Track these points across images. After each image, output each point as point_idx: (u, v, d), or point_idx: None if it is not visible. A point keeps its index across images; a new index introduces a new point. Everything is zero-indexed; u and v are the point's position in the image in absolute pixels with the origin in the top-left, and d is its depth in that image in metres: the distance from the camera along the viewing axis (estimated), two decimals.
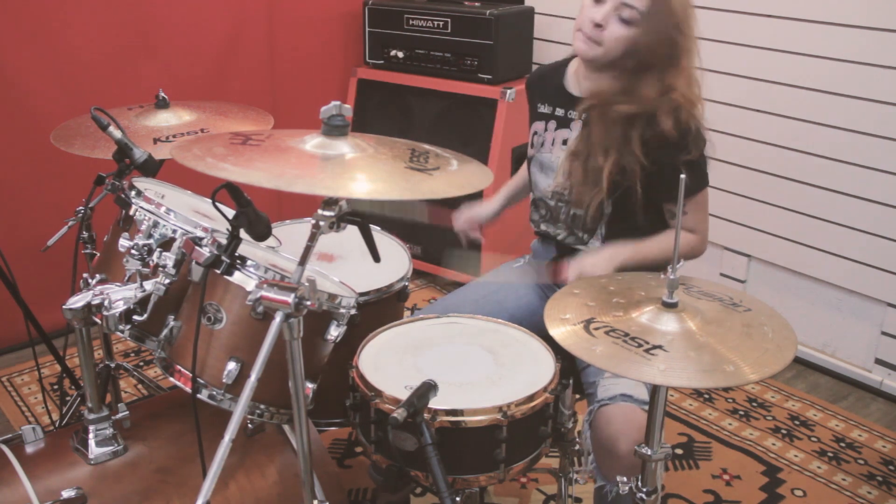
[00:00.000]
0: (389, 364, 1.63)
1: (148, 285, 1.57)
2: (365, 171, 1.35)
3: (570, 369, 1.66)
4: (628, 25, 1.76)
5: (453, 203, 1.82)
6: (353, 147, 1.37)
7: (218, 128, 2.03)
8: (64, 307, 1.55)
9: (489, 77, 3.38)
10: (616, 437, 1.62)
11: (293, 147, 1.38)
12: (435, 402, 1.46)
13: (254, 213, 1.41)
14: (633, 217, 1.87)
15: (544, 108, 1.99)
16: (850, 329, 3.00)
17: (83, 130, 1.96)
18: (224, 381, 1.50)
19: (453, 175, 1.43)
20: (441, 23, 3.43)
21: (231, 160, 1.31)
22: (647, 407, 1.45)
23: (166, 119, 2.05)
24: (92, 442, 1.60)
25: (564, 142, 1.92)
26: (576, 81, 1.95)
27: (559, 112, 1.95)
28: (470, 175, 1.45)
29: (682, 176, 1.36)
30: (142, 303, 1.57)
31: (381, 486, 1.58)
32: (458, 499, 1.45)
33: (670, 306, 1.34)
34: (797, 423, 2.76)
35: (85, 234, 1.97)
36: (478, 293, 2.06)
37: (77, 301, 1.55)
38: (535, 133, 2.00)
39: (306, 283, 1.29)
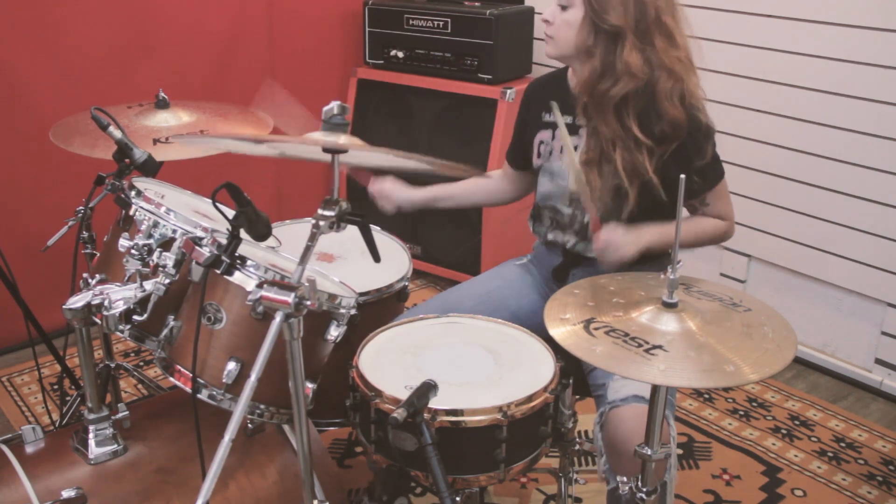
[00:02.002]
0: (389, 364, 1.63)
1: (148, 285, 1.57)
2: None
3: (571, 369, 1.66)
4: (567, 9, 1.81)
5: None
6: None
7: (217, 129, 2.02)
8: (64, 307, 1.55)
9: (489, 77, 3.37)
10: (628, 439, 1.62)
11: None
12: (435, 402, 1.46)
13: (254, 213, 1.41)
14: (650, 218, 1.87)
15: (549, 117, 1.97)
16: (850, 329, 3.00)
17: (82, 128, 1.95)
18: (224, 381, 1.51)
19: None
20: (441, 23, 3.43)
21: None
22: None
23: (165, 119, 2.05)
24: (92, 442, 1.60)
25: (575, 148, 1.92)
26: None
27: (567, 119, 1.94)
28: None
29: (682, 176, 1.36)
30: (142, 303, 1.57)
31: (380, 483, 1.58)
32: (458, 499, 1.45)
33: (670, 306, 1.34)
34: (797, 423, 2.76)
35: (85, 234, 1.97)
36: (478, 291, 2.06)
37: (77, 301, 1.55)
38: (542, 142, 1.98)
39: (306, 283, 1.29)
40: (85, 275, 1.74)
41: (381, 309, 1.95)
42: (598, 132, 1.82)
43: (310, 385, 1.59)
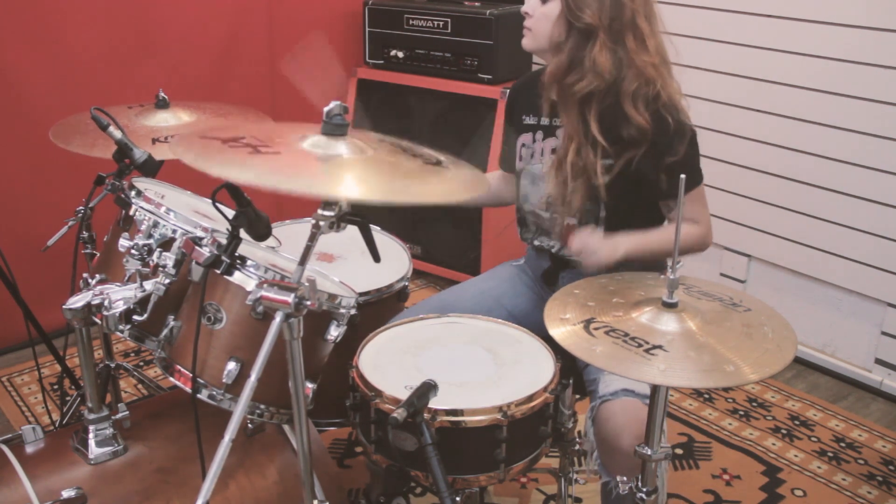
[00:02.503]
0: (389, 364, 1.63)
1: (148, 285, 1.57)
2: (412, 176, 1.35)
3: (571, 369, 1.66)
4: (547, 2, 1.81)
5: None
6: (353, 149, 1.36)
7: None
8: (64, 307, 1.55)
9: (489, 77, 3.37)
10: (619, 433, 1.62)
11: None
12: (435, 402, 1.46)
13: (254, 213, 1.40)
14: (629, 219, 1.87)
15: (530, 120, 1.97)
16: (850, 329, 3.00)
17: (82, 128, 1.95)
18: (224, 381, 1.50)
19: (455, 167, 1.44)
20: (441, 23, 3.43)
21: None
22: (648, 401, 1.44)
23: (165, 119, 2.05)
24: (92, 442, 1.60)
25: (553, 150, 1.91)
26: None
27: (545, 121, 1.94)
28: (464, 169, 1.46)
29: (683, 176, 1.35)
30: (142, 303, 1.57)
31: (380, 482, 1.57)
32: (458, 499, 1.45)
33: (670, 306, 1.34)
34: (797, 423, 2.76)
35: (85, 234, 1.97)
36: (475, 290, 2.06)
37: (77, 301, 1.55)
38: (524, 145, 1.98)
39: (306, 283, 1.29)
40: (85, 275, 1.74)
41: (381, 309, 1.95)
42: (565, 128, 1.83)
43: (310, 385, 1.58)
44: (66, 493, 1.49)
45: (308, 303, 1.28)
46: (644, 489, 1.43)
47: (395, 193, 1.29)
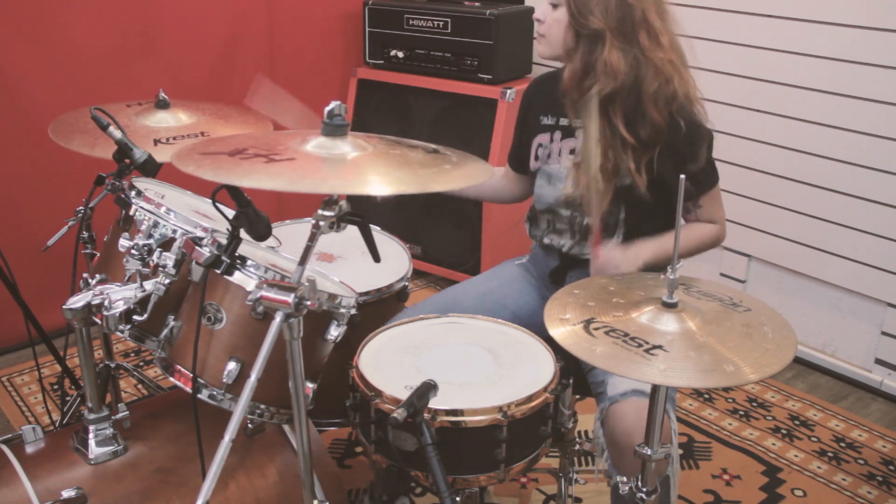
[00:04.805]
0: (389, 364, 1.63)
1: (148, 285, 1.57)
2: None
3: (571, 369, 1.66)
4: (557, 7, 1.83)
5: None
6: (356, 146, 1.37)
7: (217, 131, 2.02)
8: (64, 307, 1.55)
9: (489, 77, 3.37)
10: (630, 433, 1.62)
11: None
12: (435, 402, 1.46)
13: (254, 213, 1.41)
14: (648, 220, 1.87)
15: (547, 120, 1.97)
16: (850, 329, 3.00)
17: (82, 126, 1.95)
18: (224, 381, 1.51)
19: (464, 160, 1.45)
20: (441, 23, 3.43)
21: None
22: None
23: (165, 120, 2.04)
24: (92, 442, 1.60)
25: (572, 151, 1.91)
26: None
27: (563, 122, 1.94)
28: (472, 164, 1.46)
29: (682, 176, 1.36)
30: (142, 303, 1.57)
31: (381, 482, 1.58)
32: (458, 499, 1.45)
33: (670, 306, 1.34)
34: (797, 423, 2.76)
35: (85, 234, 1.97)
36: (478, 290, 2.06)
37: (77, 301, 1.55)
38: (541, 145, 1.98)
39: (306, 283, 1.29)
40: (85, 275, 1.74)
41: (381, 309, 1.95)
42: (586, 131, 1.81)
43: (310, 385, 1.59)
44: (66, 493, 1.49)
45: (308, 303, 1.28)
46: (644, 489, 1.43)
47: (425, 184, 1.30)
